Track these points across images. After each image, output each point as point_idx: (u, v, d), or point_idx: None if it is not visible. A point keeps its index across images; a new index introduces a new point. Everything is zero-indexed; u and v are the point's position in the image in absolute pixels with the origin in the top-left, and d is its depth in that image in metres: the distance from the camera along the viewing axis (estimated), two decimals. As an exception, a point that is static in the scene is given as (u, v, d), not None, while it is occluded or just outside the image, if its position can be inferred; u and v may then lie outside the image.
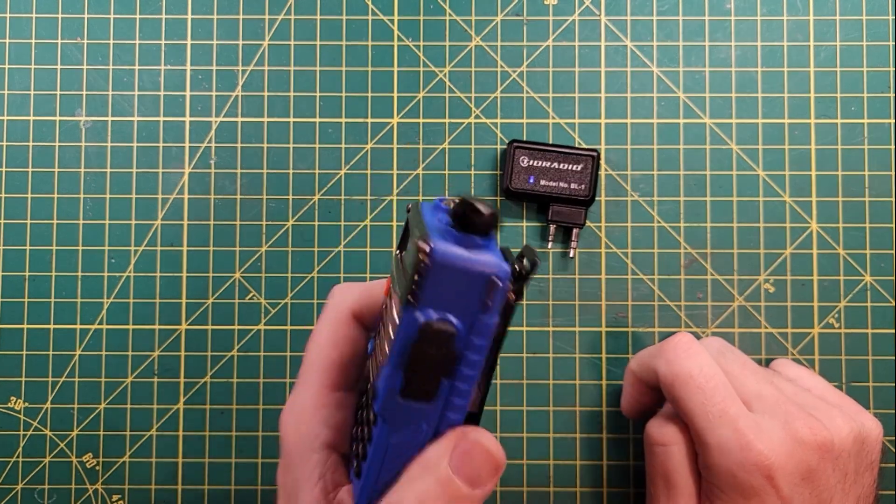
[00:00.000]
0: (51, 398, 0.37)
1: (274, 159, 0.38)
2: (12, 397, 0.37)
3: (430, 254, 0.19)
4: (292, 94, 0.38)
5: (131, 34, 0.38)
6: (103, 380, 0.37)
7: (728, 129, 0.38)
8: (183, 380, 0.37)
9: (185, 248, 0.37)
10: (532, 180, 0.36)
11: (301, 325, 0.37)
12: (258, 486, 0.37)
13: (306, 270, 0.37)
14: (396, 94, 0.38)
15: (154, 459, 0.37)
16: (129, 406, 0.37)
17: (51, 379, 0.37)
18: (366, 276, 0.37)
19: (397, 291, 0.21)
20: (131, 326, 0.37)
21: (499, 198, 0.37)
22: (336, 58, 0.38)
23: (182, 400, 0.37)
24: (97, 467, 0.37)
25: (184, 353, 0.37)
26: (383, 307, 0.23)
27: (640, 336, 0.37)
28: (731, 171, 0.37)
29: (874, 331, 0.37)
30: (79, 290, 0.37)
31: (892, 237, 0.37)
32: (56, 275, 0.37)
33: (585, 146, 0.37)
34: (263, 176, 0.38)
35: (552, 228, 0.37)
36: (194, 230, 0.37)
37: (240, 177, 0.38)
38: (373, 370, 0.23)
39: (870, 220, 0.37)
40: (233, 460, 0.37)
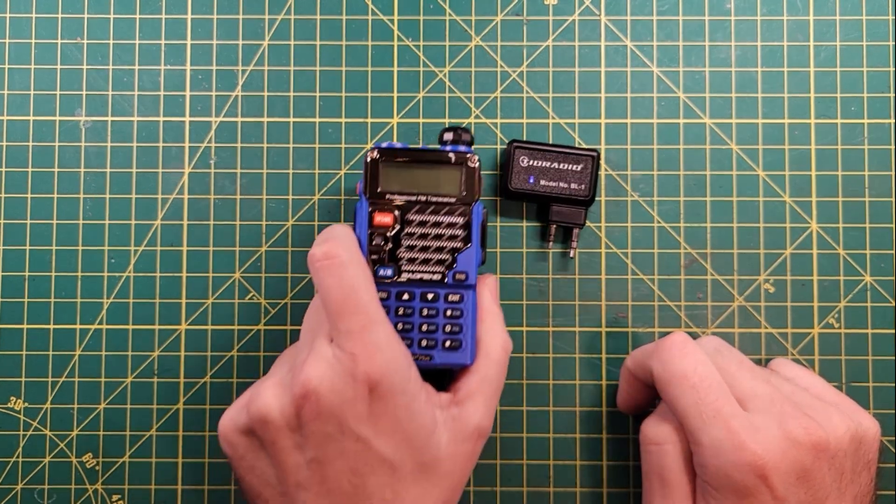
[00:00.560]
0: (51, 398, 0.37)
1: (274, 159, 0.38)
2: (12, 397, 0.37)
3: (480, 166, 0.32)
4: (292, 94, 0.38)
5: (131, 34, 0.38)
6: (103, 380, 0.37)
7: (728, 130, 0.38)
8: (183, 380, 0.37)
9: (185, 248, 0.37)
10: (532, 180, 0.36)
11: (300, 326, 0.37)
12: (258, 487, 0.37)
13: (306, 270, 0.37)
14: (396, 94, 0.38)
15: (154, 459, 0.37)
16: (128, 406, 0.37)
17: (51, 379, 0.37)
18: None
19: (447, 196, 0.32)
20: (131, 326, 0.37)
21: (499, 198, 0.37)
22: (336, 58, 0.38)
23: (182, 400, 0.37)
24: (97, 467, 0.37)
25: (183, 353, 0.37)
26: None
27: (640, 336, 0.37)
28: (731, 172, 0.37)
29: (874, 331, 0.37)
30: (78, 290, 0.37)
31: (892, 237, 0.37)
32: (56, 275, 0.37)
33: (585, 146, 0.37)
34: (263, 176, 0.38)
35: (552, 228, 0.37)
36: (194, 230, 0.37)
37: (240, 177, 0.38)
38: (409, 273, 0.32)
39: (870, 220, 0.37)
40: (233, 460, 0.37)
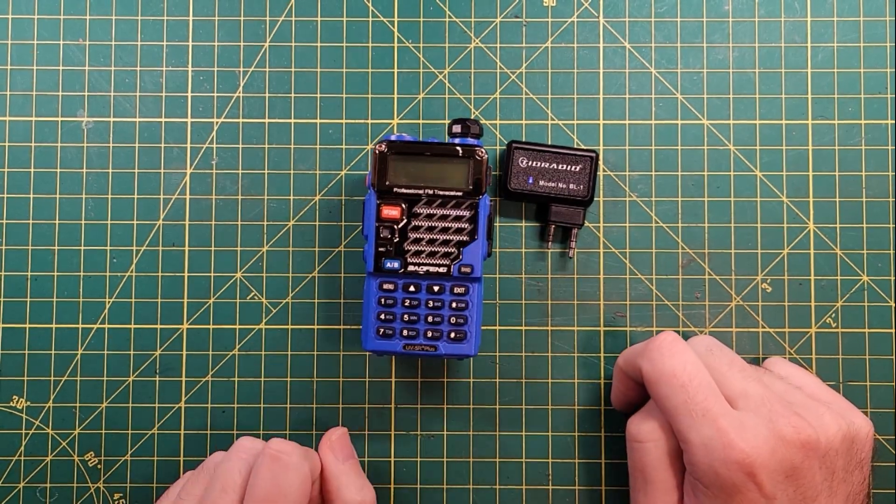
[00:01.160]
0: (53, 397, 0.37)
1: (275, 160, 0.38)
2: (14, 396, 0.37)
3: (487, 159, 0.33)
4: (293, 96, 0.38)
5: (133, 35, 0.38)
6: (105, 379, 0.37)
7: (726, 130, 0.38)
8: (184, 379, 0.37)
9: (187, 247, 0.38)
10: (531, 181, 0.36)
11: (301, 325, 0.37)
12: (259, 485, 0.37)
13: (307, 270, 0.37)
14: (396, 96, 0.38)
15: (155, 458, 0.37)
16: (130, 405, 0.37)
17: (53, 378, 0.37)
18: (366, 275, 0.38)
19: (454, 189, 0.33)
20: (133, 326, 0.37)
21: (498, 198, 0.38)
22: (336, 59, 0.38)
23: (183, 399, 0.37)
24: (99, 466, 0.37)
25: (185, 353, 0.37)
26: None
27: (639, 335, 0.37)
28: (728, 172, 0.38)
29: (871, 330, 0.37)
30: (81, 289, 0.37)
31: (890, 237, 0.37)
32: (58, 274, 0.37)
33: (584, 147, 0.37)
34: (264, 176, 0.38)
35: (551, 229, 0.37)
36: (196, 230, 0.38)
37: (241, 177, 0.38)
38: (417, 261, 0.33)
39: (867, 220, 0.37)
40: (234, 459, 0.37)
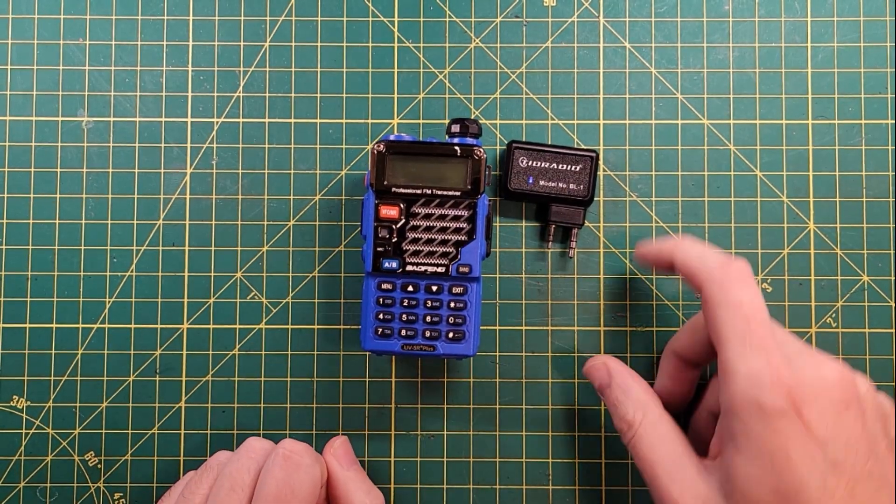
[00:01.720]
0: (53, 397, 0.37)
1: (275, 160, 0.38)
2: (15, 396, 0.37)
3: (486, 159, 0.33)
4: (293, 95, 0.38)
5: (133, 35, 0.38)
6: (105, 379, 0.37)
7: (726, 130, 0.38)
8: (184, 378, 0.37)
9: (187, 247, 0.38)
10: (531, 181, 0.36)
11: (301, 325, 0.37)
12: (259, 485, 0.37)
13: (307, 270, 0.37)
14: (397, 96, 0.38)
15: (156, 458, 0.37)
16: (130, 405, 0.37)
17: (53, 378, 0.37)
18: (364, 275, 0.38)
19: (452, 189, 0.33)
20: (133, 325, 0.37)
21: (498, 198, 0.38)
22: (337, 59, 0.38)
23: (183, 399, 0.37)
24: (99, 465, 0.37)
25: (185, 352, 0.37)
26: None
27: (639, 335, 0.37)
28: (728, 172, 0.38)
29: (872, 330, 0.37)
30: (81, 289, 0.37)
31: (890, 237, 0.37)
32: (58, 274, 0.37)
33: (584, 147, 0.37)
34: (265, 176, 0.38)
35: (551, 228, 0.37)
36: (196, 230, 0.38)
37: (241, 177, 0.38)
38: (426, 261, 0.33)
39: (867, 220, 0.37)
40: (234, 459, 0.37)
